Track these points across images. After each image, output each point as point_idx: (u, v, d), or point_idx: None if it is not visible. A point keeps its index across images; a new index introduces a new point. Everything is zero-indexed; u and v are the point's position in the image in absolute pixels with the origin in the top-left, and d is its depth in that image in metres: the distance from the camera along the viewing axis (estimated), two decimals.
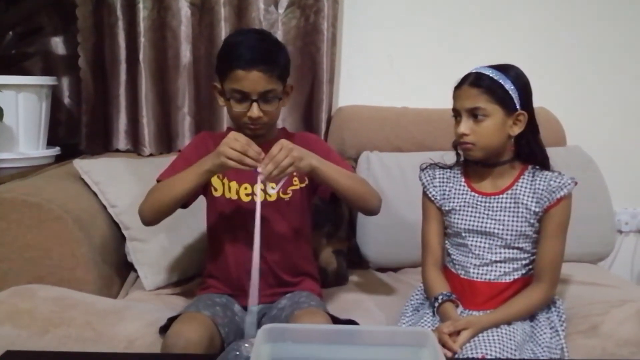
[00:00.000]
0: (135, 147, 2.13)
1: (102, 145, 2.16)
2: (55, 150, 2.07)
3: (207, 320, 1.33)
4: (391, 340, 1.05)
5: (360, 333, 1.08)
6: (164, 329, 1.33)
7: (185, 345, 1.23)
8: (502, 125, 1.36)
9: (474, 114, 1.36)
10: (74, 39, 2.09)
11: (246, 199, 1.47)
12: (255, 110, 1.37)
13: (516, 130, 1.38)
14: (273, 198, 1.43)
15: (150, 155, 2.10)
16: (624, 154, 2.33)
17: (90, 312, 1.41)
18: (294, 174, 1.43)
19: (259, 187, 1.29)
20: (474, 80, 1.36)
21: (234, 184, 1.47)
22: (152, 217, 1.42)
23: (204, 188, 1.49)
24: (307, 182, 1.51)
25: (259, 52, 1.38)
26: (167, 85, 2.12)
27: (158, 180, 1.46)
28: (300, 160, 1.31)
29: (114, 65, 2.11)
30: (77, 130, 2.18)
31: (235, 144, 1.28)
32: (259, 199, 1.28)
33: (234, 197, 1.47)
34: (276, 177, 1.29)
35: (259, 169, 1.28)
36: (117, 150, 2.16)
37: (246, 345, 1.00)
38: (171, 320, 1.33)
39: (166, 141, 2.16)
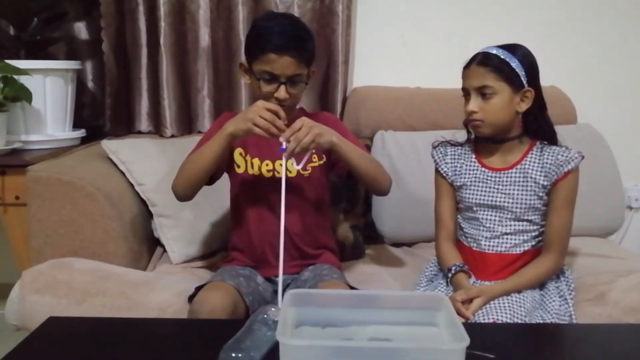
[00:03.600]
0: (157, 129, 2.18)
1: (125, 127, 2.20)
2: (80, 132, 2.10)
3: (231, 289, 1.39)
4: (408, 304, 1.10)
5: (379, 298, 1.12)
6: (191, 298, 1.40)
7: (211, 310, 1.30)
8: (510, 102, 1.40)
9: (482, 92, 1.40)
10: (97, 24, 2.12)
11: (267, 175, 1.53)
12: (282, 92, 1.43)
13: (523, 106, 1.41)
14: (293, 174, 1.49)
15: (172, 136, 2.15)
16: (634, 131, 2.35)
17: (123, 283, 1.47)
18: (313, 151, 1.49)
19: (284, 163, 1.34)
20: (482, 60, 1.40)
21: (256, 161, 1.53)
22: (184, 190, 1.48)
23: (228, 165, 1.55)
24: (325, 159, 1.57)
25: (291, 38, 1.43)
26: (187, 68, 2.16)
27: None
28: (321, 137, 1.36)
29: (136, 50, 2.15)
30: (101, 113, 2.22)
31: (265, 114, 1.35)
32: (284, 175, 1.32)
33: (256, 172, 1.53)
34: (298, 153, 1.35)
35: (283, 146, 1.33)
36: (140, 132, 2.20)
37: (273, 309, 1.06)
38: (198, 289, 1.40)
39: (187, 122, 2.20)
